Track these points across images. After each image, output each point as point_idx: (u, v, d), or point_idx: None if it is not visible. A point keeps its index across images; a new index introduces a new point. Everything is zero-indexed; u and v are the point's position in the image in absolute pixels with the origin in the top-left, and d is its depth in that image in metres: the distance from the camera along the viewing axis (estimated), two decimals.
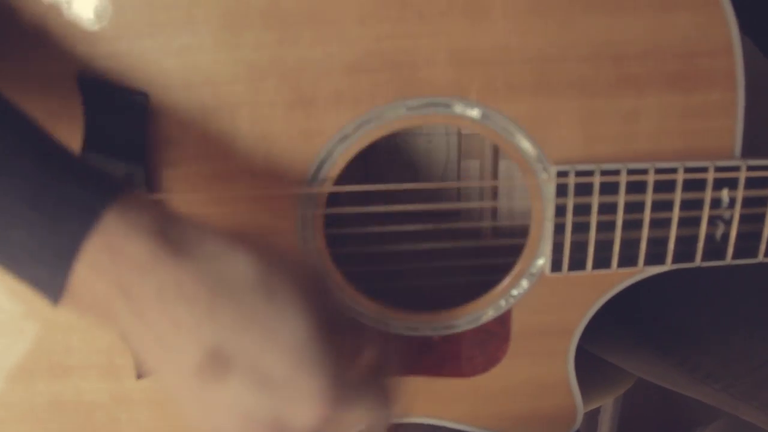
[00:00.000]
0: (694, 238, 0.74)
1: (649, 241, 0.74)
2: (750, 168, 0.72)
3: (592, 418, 1.35)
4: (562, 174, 0.71)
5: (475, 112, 0.69)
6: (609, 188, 0.72)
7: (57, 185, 0.53)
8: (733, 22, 0.69)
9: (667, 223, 0.73)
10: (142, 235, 0.53)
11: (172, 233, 0.54)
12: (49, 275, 0.53)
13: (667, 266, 0.75)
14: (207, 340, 0.53)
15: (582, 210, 0.73)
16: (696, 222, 0.74)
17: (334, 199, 0.73)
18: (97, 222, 0.52)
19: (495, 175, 0.83)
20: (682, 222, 0.74)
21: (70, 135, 0.66)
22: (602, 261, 0.75)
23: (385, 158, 0.82)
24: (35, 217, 0.52)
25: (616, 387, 1.11)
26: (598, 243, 0.74)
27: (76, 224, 0.52)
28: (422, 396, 0.80)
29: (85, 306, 0.55)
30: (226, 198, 0.69)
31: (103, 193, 0.53)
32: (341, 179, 0.71)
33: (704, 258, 0.75)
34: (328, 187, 0.70)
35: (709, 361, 0.91)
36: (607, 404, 1.31)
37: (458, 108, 0.69)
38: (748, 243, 0.75)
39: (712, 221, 0.74)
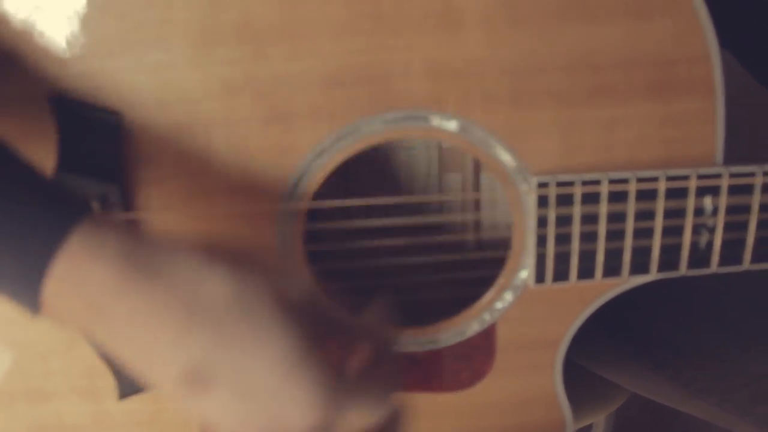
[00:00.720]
0: (678, 247, 0.74)
1: (633, 250, 0.73)
2: (732, 175, 0.72)
3: None
4: (542, 185, 0.71)
5: (452, 125, 0.69)
6: (590, 198, 0.71)
7: (22, 207, 0.53)
8: (709, 29, 0.69)
9: (650, 232, 0.73)
10: (108, 259, 0.52)
11: (140, 255, 0.53)
12: (23, 293, 0.53)
13: (652, 276, 0.75)
14: (184, 358, 0.53)
15: (564, 221, 0.72)
16: (679, 230, 0.73)
17: (313, 214, 0.72)
18: (61, 245, 0.52)
19: (477, 188, 0.82)
20: (666, 231, 0.73)
21: (44, 155, 0.66)
22: (586, 272, 0.74)
23: (366, 173, 0.81)
24: (1, 239, 0.52)
25: (609, 403, 1.10)
26: (581, 253, 0.73)
27: (41, 247, 0.52)
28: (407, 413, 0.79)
29: (62, 321, 0.55)
30: (204, 216, 0.69)
31: (68, 216, 0.53)
32: (320, 194, 0.70)
33: (689, 267, 0.75)
34: (307, 203, 0.70)
35: (704, 376, 0.90)
36: (599, 421, 1.29)
37: (435, 121, 0.69)
38: (732, 251, 0.74)
39: (696, 229, 0.73)
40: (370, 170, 0.81)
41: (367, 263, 0.77)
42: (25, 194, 0.54)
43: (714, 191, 0.72)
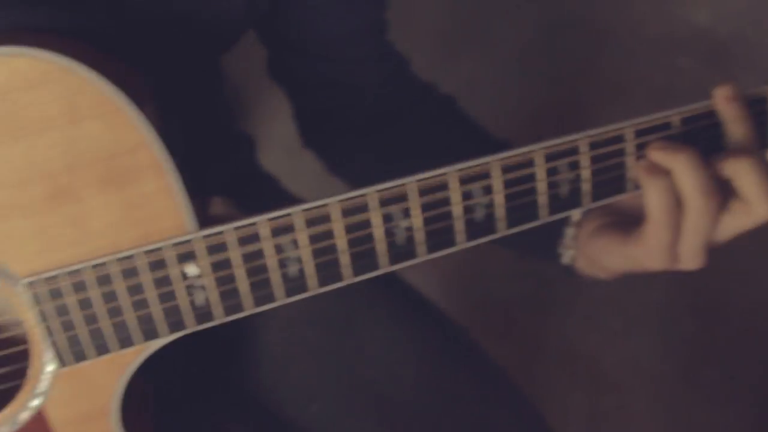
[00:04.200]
0: (178, 308, 0.82)
1: (139, 319, 0.82)
2: (205, 236, 0.80)
3: None
4: (33, 284, 0.79)
5: None
6: (80, 286, 0.80)
7: None
8: (138, 120, 0.77)
9: (146, 303, 0.81)
10: None
11: None
12: None
13: (165, 337, 0.83)
14: None
15: (64, 310, 0.80)
16: (173, 295, 0.81)
17: None
18: None
19: None
20: (163, 297, 0.81)
21: None
22: (102, 348, 0.82)
23: None
24: None
25: None
26: (91, 333, 0.81)
27: None
28: None
29: None
30: None
31: None
32: None
33: (198, 322, 0.83)
34: None
35: None
36: None
37: None
38: (231, 300, 0.83)
39: (189, 290, 0.82)
40: None
41: None
42: None
43: (193, 256, 0.81)
